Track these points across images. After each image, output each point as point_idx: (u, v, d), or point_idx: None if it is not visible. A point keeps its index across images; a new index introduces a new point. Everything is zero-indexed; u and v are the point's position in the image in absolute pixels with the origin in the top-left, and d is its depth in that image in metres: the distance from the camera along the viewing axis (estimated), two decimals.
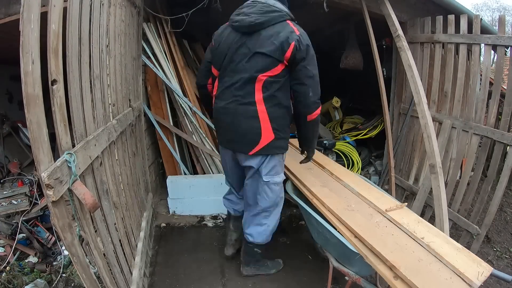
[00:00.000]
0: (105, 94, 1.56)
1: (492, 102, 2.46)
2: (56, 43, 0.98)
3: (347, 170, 2.32)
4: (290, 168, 2.27)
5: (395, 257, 1.30)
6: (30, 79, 0.85)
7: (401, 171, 3.29)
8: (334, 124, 4.87)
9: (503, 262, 2.64)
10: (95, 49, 1.40)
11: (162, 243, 2.55)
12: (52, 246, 2.32)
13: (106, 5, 1.55)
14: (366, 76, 3.88)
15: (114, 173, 1.61)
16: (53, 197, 0.92)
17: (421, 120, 2.38)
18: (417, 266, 1.26)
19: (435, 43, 2.85)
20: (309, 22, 3.98)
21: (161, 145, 3.12)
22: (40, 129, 0.90)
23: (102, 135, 1.40)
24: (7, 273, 2.01)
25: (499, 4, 22.03)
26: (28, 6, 0.84)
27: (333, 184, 2.03)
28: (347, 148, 3.90)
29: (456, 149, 2.81)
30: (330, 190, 1.92)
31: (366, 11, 2.79)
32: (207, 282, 2.11)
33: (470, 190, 2.62)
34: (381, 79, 2.80)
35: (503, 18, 2.46)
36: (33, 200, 2.61)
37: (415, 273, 1.21)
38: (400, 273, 1.22)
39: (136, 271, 1.71)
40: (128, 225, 1.78)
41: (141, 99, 2.66)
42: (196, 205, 2.94)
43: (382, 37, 3.45)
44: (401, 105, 3.32)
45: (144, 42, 2.82)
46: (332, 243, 1.68)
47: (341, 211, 1.66)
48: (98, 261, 1.23)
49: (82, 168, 1.13)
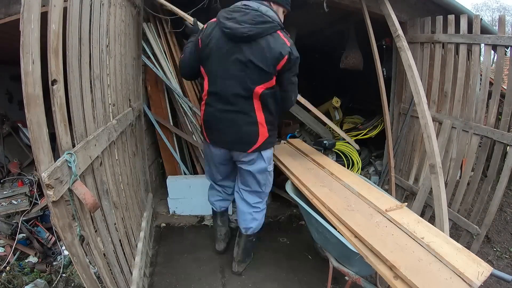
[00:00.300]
0: (105, 94, 1.57)
1: (492, 102, 2.46)
2: (56, 43, 0.98)
3: (347, 170, 2.32)
4: (290, 168, 2.27)
5: (395, 257, 1.30)
6: (30, 79, 0.85)
7: (401, 171, 3.29)
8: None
9: (503, 262, 2.64)
10: (95, 49, 1.40)
11: (162, 243, 2.55)
12: (52, 246, 2.32)
13: (106, 5, 1.55)
14: (366, 76, 3.87)
15: (114, 173, 1.61)
16: (53, 197, 0.92)
17: (421, 120, 2.39)
18: (417, 266, 1.26)
19: (435, 43, 2.85)
20: (309, 22, 3.99)
21: (161, 145, 3.12)
22: (40, 129, 0.90)
23: (102, 135, 1.40)
24: (7, 273, 2.01)
25: (499, 4, 22.06)
26: (28, 6, 0.84)
27: (333, 184, 2.03)
28: (347, 148, 3.89)
29: (456, 149, 2.81)
30: (330, 190, 1.92)
31: (366, 11, 2.79)
32: (207, 282, 2.11)
33: (470, 190, 2.62)
34: (381, 79, 2.80)
35: (503, 18, 2.46)
36: (33, 200, 2.61)
37: (415, 273, 1.21)
38: (400, 273, 1.22)
39: (136, 271, 1.72)
40: (128, 225, 1.78)
41: (141, 99, 2.66)
42: (196, 205, 2.94)
43: (382, 37, 3.44)
44: (401, 105, 3.32)
45: (144, 42, 2.82)
46: (332, 243, 1.69)
47: (341, 211, 1.66)
48: (98, 261, 1.23)
49: (82, 168, 1.13)
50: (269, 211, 3.11)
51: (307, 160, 2.50)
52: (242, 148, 1.82)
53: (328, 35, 4.53)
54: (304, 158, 2.54)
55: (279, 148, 2.82)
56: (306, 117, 4.51)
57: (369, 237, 1.42)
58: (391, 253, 1.33)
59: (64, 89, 1.04)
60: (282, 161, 2.44)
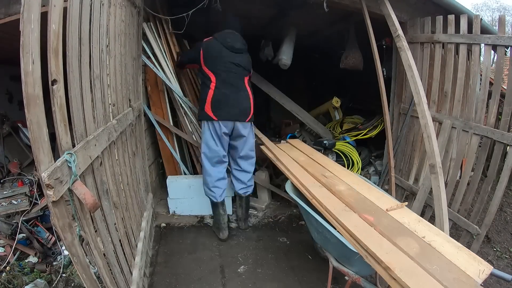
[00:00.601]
0: (105, 94, 1.57)
1: (492, 102, 2.46)
2: (56, 43, 0.98)
3: (347, 170, 2.32)
4: (290, 168, 2.27)
5: (391, 258, 1.29)
6: (30, 79, 0.85)
7: (401, 171, 3.29)
8: (334, 124, 4.87)
9: (503, 262, 2.64)
10: (95, 49, 1.40)
11: (162, 243, 2.55)
12: (52, 246, 2.32)
13: (106, 5, 1.55)
14: (366, 76, 3.87)
15: (114, 173, 1.61)
16: (53, 197, 0.92)
17: (421, 120, 2.38)
18: (415, 267, 1.26)
19: (435, 43, 2.85)
20: (309, 22, 3.99)
21: (161, 145, 3.12)
22: (40, 129, 0.90)
23: (102, 135, 1.40)
24: (7, 273, 2.01)
25: (499, 4, 22.02)
26: (28, 6, 0.84)
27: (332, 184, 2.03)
28: (347, 148, 3.89)
29: (456, 149, 2.81)
30: (328, 191, 1.92)
31: (366, 11, 2.79)
32: (207, 282, 2.11)
33: (470, 190, 2.62)
34: (381, 79, 2.80)
35: (503, 18, 2.46)
36: (33, 200, 2.61)
37: (411, 275, 1.19)
38: (395, 275, 1.21)
39: (136, 271, 1.71)
40: (128, 225, 1.78)
41: (141, 99, 2.66)
42: (196, 205, 2.94)
43: (382, 37, 3.44)
44: (401, 105, 3.32)
45: (144, 42, 2.82)
46: (332, 243, 1.69)
47: (339, 211, 1.66)
48: (98, 261, 1.23)
49: (82, 168, 1.13)
50: (269, 211, 3.12)
51: (306, 160, 2.50)
52: (243, 118, 2.59)
53: (328, 35, 4.53)
54: (303, 158, 2.54)
55: (278, 148, 2.83)
56: (306, 117, 4.51)
57: (365, 238, 1.41)
58: (387, 254, 1.31)
59: (64, 89, 1.04)
60: (282, 161, 2.44)
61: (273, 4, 3.43)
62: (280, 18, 3.76)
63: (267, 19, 4.01)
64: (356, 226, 1.52)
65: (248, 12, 3.65)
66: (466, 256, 1.31)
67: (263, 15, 3.86)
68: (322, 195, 1.86)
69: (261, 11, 3.67)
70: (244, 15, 3.80)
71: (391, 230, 1.49)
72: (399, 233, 1.48)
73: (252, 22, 4.06)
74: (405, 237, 1.45)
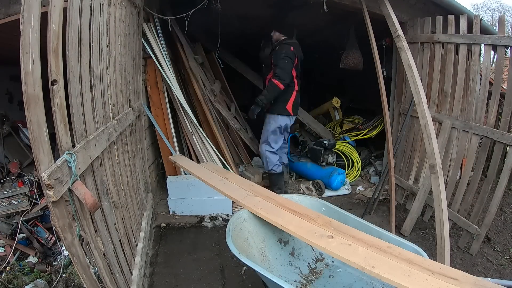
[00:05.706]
0: (105, 94, 1.56)
1: (492, 102, 2.46)
2: (56, 43, 0.98)
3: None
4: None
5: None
6: (30, 79, 0.85)
7: (401, 171, 3.29)
8: (334, 124, 4.87)
9: (503, 262, 2.64)
10: (95, 49, 1.40)
11: (162, 243, 2.55)
12: (52, 246, 2.31)
13: (106, 5, 1.55)
14: (366, 76, 3.87)
15: (114, 173, 1.61)
16: (53, 197, 0.92)
17: (421, 120, 2.38)
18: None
19: (435, 43, 2.85)
20: (309, 22, 3.99)
21: (161, 145, 3.12)
22: (40, 129, 0.90)
23: (102, 135, 1.40)
24: (7, 273, 2.01)
25: (499, 4, 22.00)
26: (28, 6, 0.84)
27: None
28: (347, 148, 3.90)
29: (456, 149, 2.81)
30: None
31: (366, 11, 2.79)
32: (207, 282, 2.11)
33: (470, 190, 2.62)
34: (381, 79, 2.80)
35: (503, 18, 2.46)
36: (33, 200, 2.61)
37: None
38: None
39: (136, 271, 1.71)
40: (128, 225, 1.78)
41: (141, 99, 2.66)
42: (196, 205, 2.94)
43: (382, 37, 3.44)
44: (401, 105, 3.32)
45: (144, 42, 2.82)
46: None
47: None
48: (98, 261, 1.23)
49: (82, 168, 1.13)
50: None
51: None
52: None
53: (328, 35, 4.53)
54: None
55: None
56: (306, 117, 4.51)
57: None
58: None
59: (64, 89, 1.04)
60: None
61: (273, 4, 3.43)
62: (280, 18, 3.77)
63: (267, 19, 4.01)
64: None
65: (248, 12, 3.65)
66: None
67: (263, 15, 3.87)
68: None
69: (261, 11, 3.68)
70: (244, 15, 3.81)
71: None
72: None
73: (252, 22, 4.06)
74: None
